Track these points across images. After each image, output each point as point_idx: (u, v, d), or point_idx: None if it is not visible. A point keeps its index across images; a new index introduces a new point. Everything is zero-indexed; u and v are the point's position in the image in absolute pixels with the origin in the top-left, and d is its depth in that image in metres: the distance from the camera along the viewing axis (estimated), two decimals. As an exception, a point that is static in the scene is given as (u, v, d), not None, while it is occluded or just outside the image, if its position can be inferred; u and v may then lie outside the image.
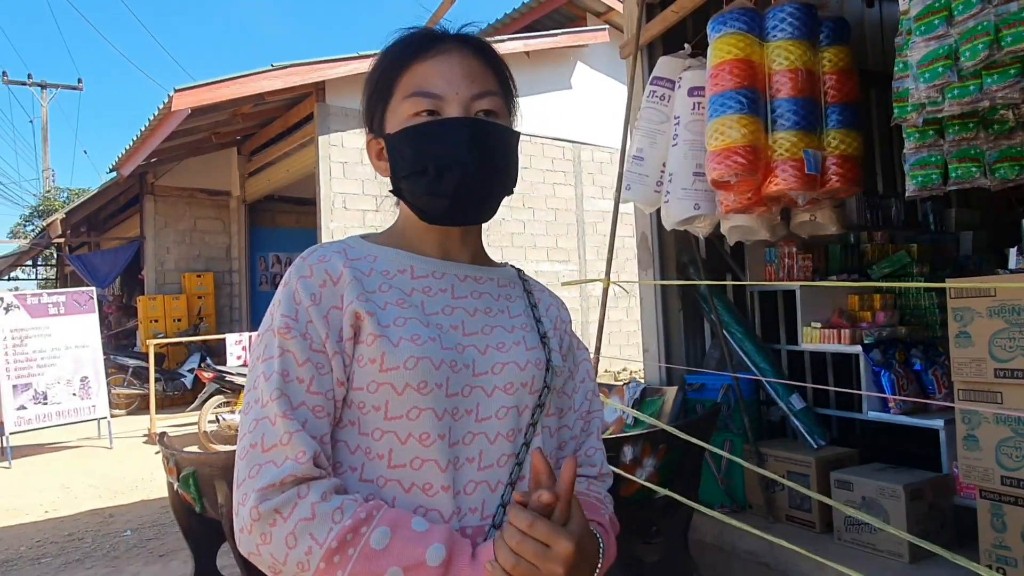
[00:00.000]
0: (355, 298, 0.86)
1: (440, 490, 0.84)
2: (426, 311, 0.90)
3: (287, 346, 0.84)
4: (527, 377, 0.92)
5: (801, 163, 2.83)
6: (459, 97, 0.90)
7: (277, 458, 0.79)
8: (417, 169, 0.90)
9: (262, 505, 0.77)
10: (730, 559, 3.58)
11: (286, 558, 0.76)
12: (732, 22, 2.98)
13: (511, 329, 0.96)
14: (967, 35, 2.03)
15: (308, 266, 0.88)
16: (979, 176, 2.43)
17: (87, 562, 4.22)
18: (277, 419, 0.80)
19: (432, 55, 0.92)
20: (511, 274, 1.05)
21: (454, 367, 0.87)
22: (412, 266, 0.93)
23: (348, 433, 0.86)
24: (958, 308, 2.78)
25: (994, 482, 2.70)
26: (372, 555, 0.75)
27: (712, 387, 4.06)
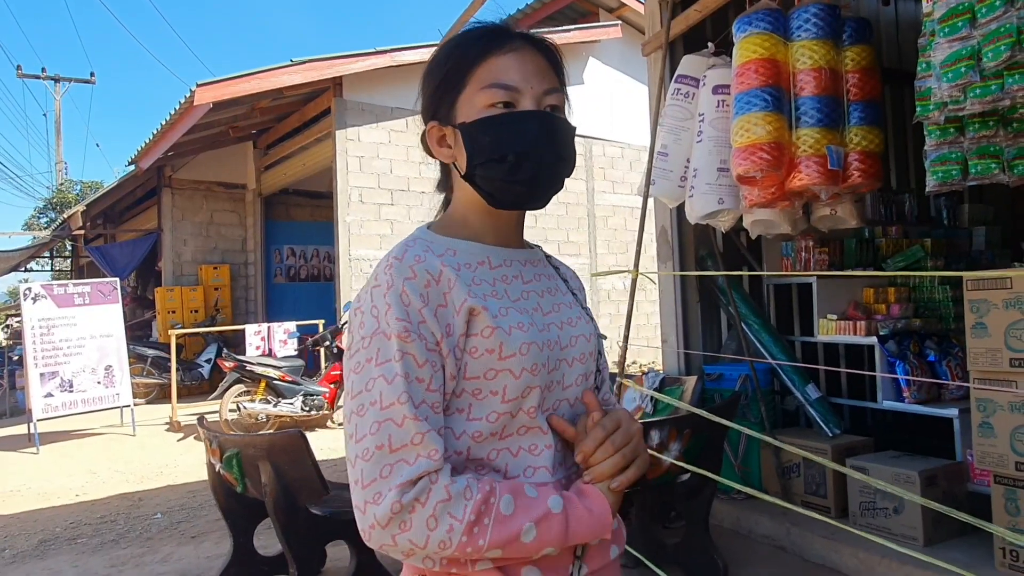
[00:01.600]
0: (467, 295, 0.91)
1: (544, 448, 0.94)
2: (511, 298, 0.97)
3: (407, 349, 0.87)
4: (591, 347, 1.04)
5: (824, 159, 2.94)
6: (532, 92, 0.96)
7: (409, 457, 0.84)
8: (495, 156, 0.95)
9: (404, 498, 0.82)
10: (748, 543, 3.69)
11: (427, 540, 0.82)
12: (757, 22, 3.08)
13: (570, 305, 1.05)
14: (990, 36, 2.13)
15: (408, 267, 0.91)
16: (998, 172, 2.53)
17: (122, 543, 4.36)
18: (406, 420, 0.84)
19: (506, 50, 0.96)
20: (541, 254, 1.12)
21: (550, 346, 0.96)
22: (488, 257, 0.99)
23: (455, 420, 0.92)
24: (975, 300, 2.88)
25: (1009, 468, 2.80)
26: (505, 519, 0.84)
27: (730, 377, 4.17)
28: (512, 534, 0.85)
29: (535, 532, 0.86)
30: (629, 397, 4.31)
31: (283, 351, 7.86)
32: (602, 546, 0.98)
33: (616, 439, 0.93)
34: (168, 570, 3.87)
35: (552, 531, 0.87)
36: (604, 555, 0.99)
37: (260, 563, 3.45)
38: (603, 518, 0.91)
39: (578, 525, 0.89)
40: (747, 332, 4.18)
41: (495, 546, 0.84)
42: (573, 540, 0.89)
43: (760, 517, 3.70)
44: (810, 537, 3.42)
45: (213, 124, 8.91)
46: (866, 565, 3.14)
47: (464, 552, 0.84)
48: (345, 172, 8.35)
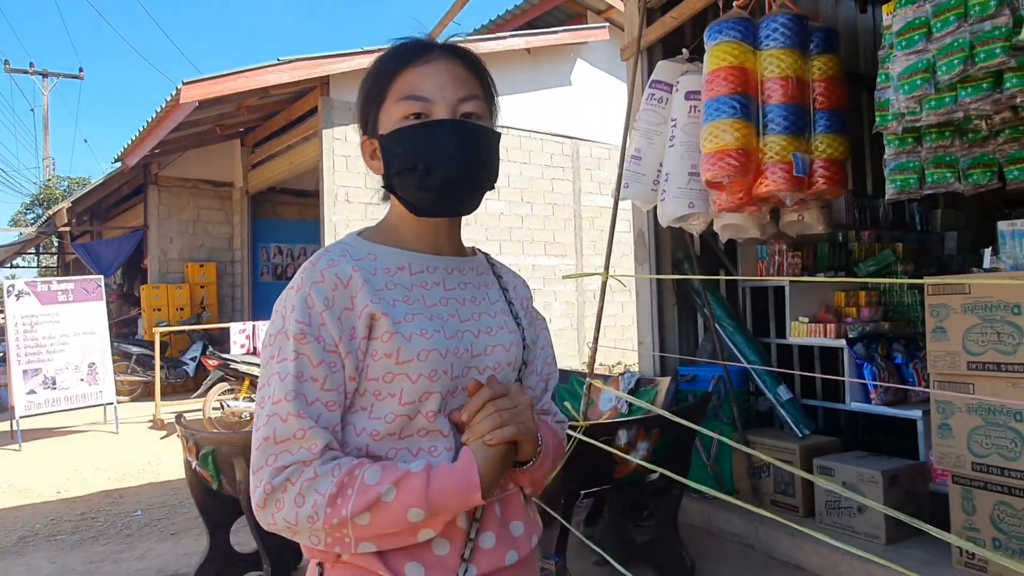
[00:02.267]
0: (369, 301, 0.95)
1: (444, 451, 0.97)
2: (427, 304, 1.00)
3: (302, 349, 0.92)
4: (511, 357, 1.06)
5: (790, 166, 3.00)
6: (446, 101, 0.99)
7: (292, 448, 0.90)
8: (408, 166, 0.99)
9: (275, 480, 0.89)
10: (717, 541, 3.76)
11: (297, 516, 0.88)
12: (727, 31, 3.14)
13: (494, 315, 1.07)
14: (944, 51, 2.19)
15: (319, 271, 0.96)
16: (953, 181, 2.60)
17: (101, 539, 4.39)
18: (290, 417, 0.90)
19: (422, 63, 1.01)
20: (483, 261, 1.15)
21: (456, 353, 0.99)
22: (409, 263, 1.02)
23: (357, 418, 0.97)
24: (935, 304, 2.96)
25: (965, 468, 2.88)
26: (367, 488, 0.88)
27: (704, 378, 4.23)
28: (373, 497, 0.87)
29: (395, 492, 0.88)
30: (606, 398, 4.37)
31: (268, 349, 7.87)
32: (496, 549, 0.99)
33: (500, 403, 0.95)
34: (146, 567, 3.90)
35: (412, 489, 0.89)
36: (498, 558, 0.99)
37: (236, 560, 3.48)
38: (467, 474, 0.91)
39: (440, 481, 0.90)
40: (721, 334, 4.25)
41: (359, 511, 0.87)
42: (437, 497, 0.89)
43: (729, 516, 3.77)
44: (776, 535, 3.49)
45: (199, 122, 8.91)
46: (829, 563, 3.21)
47: (331, 524, 0.88)
48: (331, 171, 8.37)
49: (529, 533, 1.06)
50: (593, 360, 2.96)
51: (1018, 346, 2.68)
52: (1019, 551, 2.72)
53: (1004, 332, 2.72)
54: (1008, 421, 2.73)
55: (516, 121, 10.01)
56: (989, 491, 2.82)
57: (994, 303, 2.75)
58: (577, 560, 3.50)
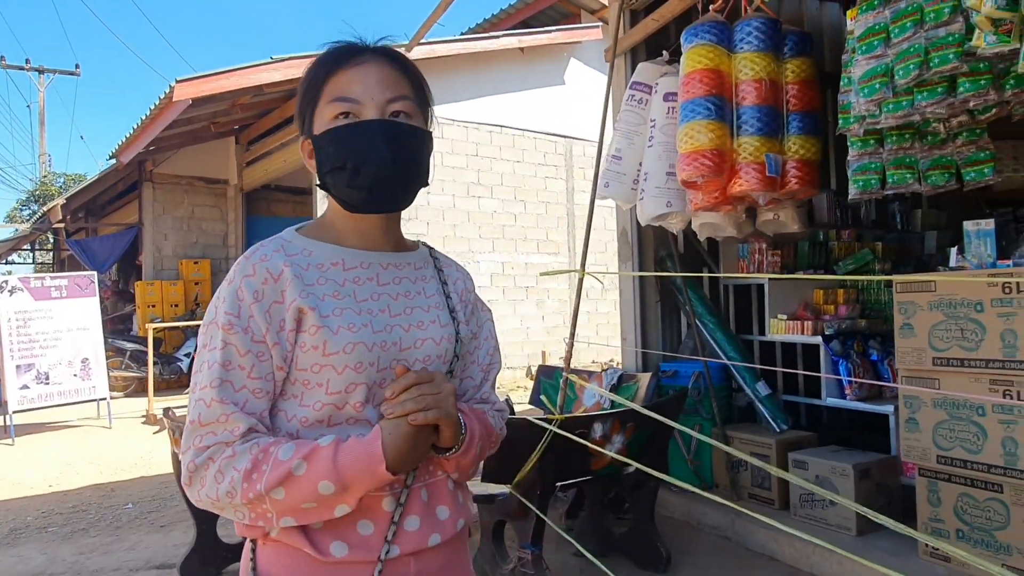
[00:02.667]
0: (297, 295, 0.99)
1: None
2: (357, 299, 1.04)
3: (230, 339, 0.97)
4: (441, 351, 1.09)
5: (763, 166, 3.08)
6: (374, 102, 1.03)
7: (216, 430, 0.95)
8: (338, 165, 1.03)
9: (198, 459, 0.95)
10: (696, 533, 3.84)
11: (218, 492, 0.94)
12: (703, 34, 3.21)
13: (427, 309, 1.11)
14: (901, 56, 2.27)
15: (251, 265, 1.00)
16: (913, 182, 2.68)
17: (91, 531, 4.45)
18: (213, 403, 0.95)
19: (352, 65, 1.04)
20: (424, 254, 1.18)
21: (384, 347, 1.03)
22: (343, 259, 1.06)
23: (289, 404, 1.02)
24: (903, 302, 3.04)
25: (931, 461, 2.96)
26: (280, 463, 0.93)
27: (684, 374, 4.31)
28: (285, 472, 0.92)
29: (305, 465, 0.93)
30: (590, 393, 4.44)
31: (260, 346, 7.94)
32: (420, 531, 1.04)
33: (423, 388, 0.99)
34: (135, 557, 3.97)
35: (321, 461, 0.93)
36: (421, 539, 1.04)
37: (222, 550, 3.55)
38: (370, 446, 0.94)
39: (345, 454, 0.94)
40: (703, 331, 4.32)
41: (272, 485, 0.92)
42: (344, 469, 0.93)
43: (707, 508, 3.85)
44: (752, 528, 3.57)
45: (194, 120, 8.97)
46: (801, 553, 3.29)
47: (248, 498, 0.93)
48: (324, 169, 8.43)
49: (455, 517, 1.10)
50: (570, 355, 3.03)
51: (980, 342, 2.76)
52: (981, 542, 2.80)
53: (967, 329, 2.80)
54: (971, 415, 2.81)
55: (509, 120, 10.08)
56: (953, 483, 2.90)
57: (958, 300, 2.82)
58: (557, 551, 3.57)
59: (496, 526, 3.22)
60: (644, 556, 3.37)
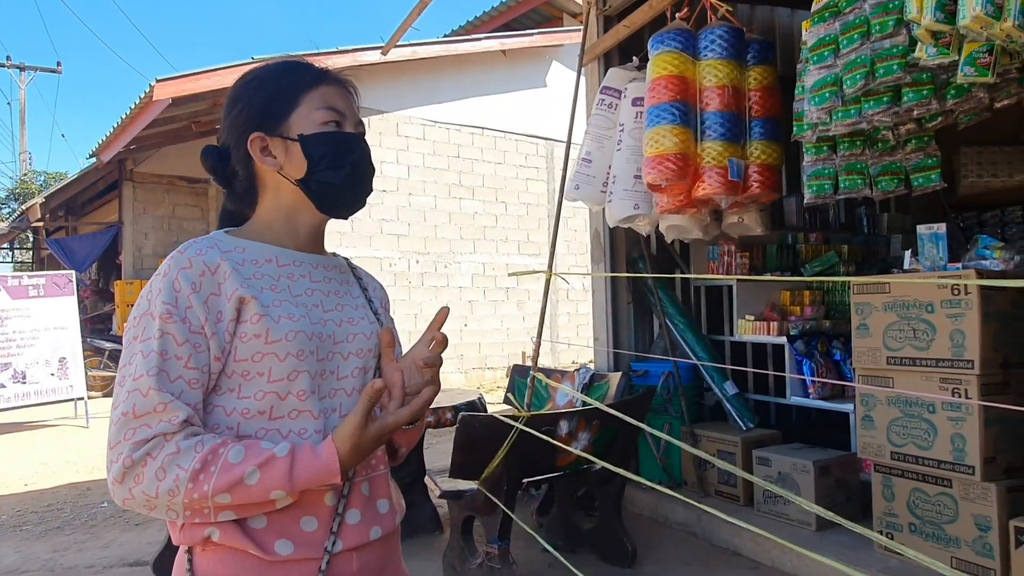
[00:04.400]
0: (239, 285, 1.01)
1: (313, 433, 1.03)
2: (293, 293, 1.08)
3: (167, 329, 0.97)
4: (371, 344, 1.15)
5: (726, 170, 3.16)
6: (351, 119, 1.15)
7: (151, 422, 0.93)
8: (334, 166, 1.10)
9: (135, 454, 0.91)
10: (663, 529, 3.92)
11: (157, 489, 0.90)
12: (669, 41, 3.30)
13: (355, 307, 1.17)
14: (849, 66, 2.36)
15: (187, 259, 1.02)
16: (864, 188, 2.77)
17: (66, 529, 4.47)
18: (150, 391, 0.93)
19: (331, 83, 1.14)
20: (343, 263, 1.25)
21: (321, 337, 1.06)
22: (276, 256, 1.11)
23: (226, 398, 1.01)
24: (859, 303, 3.13)
25: (885, 457, 3.05)
26: (230, 466, 0.92)
27: (655, 374, 4.39)
28: (236, 477, 0.92)
29: (259, 474, 0.93)
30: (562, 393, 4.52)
31: (240, 345, 7.94)
32: (361, 525, 1.07)
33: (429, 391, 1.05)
34: (109, 555, 4.00)
35: (276, 472, 0.93)
36: (363, 533, 1.07)
37: (195, 546, 3.58)
38: (329, 463, 0.96)
39: (302, 469, 0.95)
40: (673, 332, 4.41)
41: (221, 490, 0.92)
42: (299, 482, 0.95)
43: (675, 505, 3.93)
44: (717, 523, 3.65)
45: (175, 119, 8.96)
46: (763, 548, 3.38)
47: (192, 499, 0.92)
48: (306, 170, 8.45)
49: (393, 512, 1.15)
50: (537, 353, 3.10)
51: (931, 342, 2.85)
52: (932, 535, 2.90)
53: (919, 329, 2.89)
54: (922, 412, 2.91)
55: (491, 122, 10.15)
56: (906, 479, 2.99)
57: (911, 302, 2.92)
58: (527, 548, 3.64)
59: (464, 522, 3.28)
60: (611, 551, 3.44)
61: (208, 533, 0.97)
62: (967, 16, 1.88)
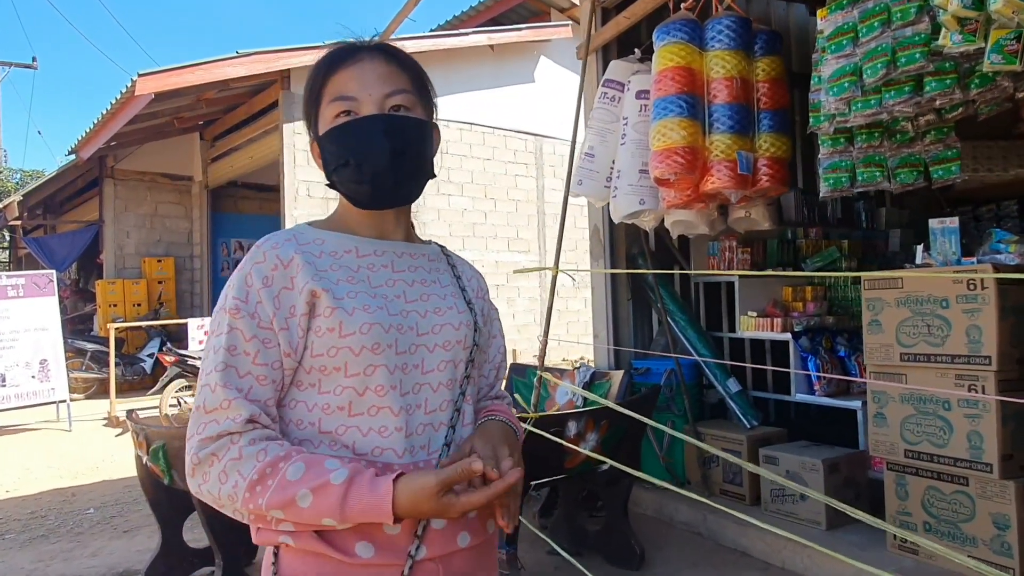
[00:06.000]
0: (310, 279, 0.99)
1: (394, 431, 0.99)
2: (372, 284, 1.04)
3: (236, 324, 0.97)
4: (461, 336, 1.09)
5: (735, 164, 3.09)
6: (372, 97, 1.04)
7: (219, 418, 0.94)
8: (341, 163, 1.05)
9: (201, 452, 0.93)
10: (668, 529, 3.86)
11: (219, 492, 0.92)
12: (675, 32, 3.22)
13: (443, 296, 1.11)
14: (869, 55, 2.30)
15: (262, 252, 1.01)
16: (882, 180, 2.72)
17: (51, 538, 4.32)
18: (217, 388, 0.94)
19: (349, 64, 1.06)
20: (436, 251, 1.20)
21: (401, 329, 1.02)
22: (356, 247, 1.07)
23: (308, 394, 1.00)
24: (871, 298, 3.08)
25: (899, 455, 3.00)
26: (287, 484, 0.90)
27: (657, 371, 4.33)
28: (288, 497, 0.90)
29: (311, 499, 0.90)
30: (562, 392, 4.44)
31: (227, 345, 7.78)
32: (447, 531, 1.01)
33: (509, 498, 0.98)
34: (97, 564, 3.86)
35: (328, 501, 0.90)
36: (449, 540, 1.01)
37: (189, 555, 3.47)
38: (382, 503, 0.90)
39: (355, 501, 0.90)
40: (674, 328, 4.35)
41: (274, 507, 0.90)
42: (350, 514, 0.90)
43: (680, 505, 3.87)
44: (724, 523, 3.59)
45: (157, 114, 8.76)
46: (773, 548, 3.32)
47: (248, 508, 0.92)
48: (292, 166, 8.30)
49: (483, 518, 1.06)
50: (544, 352, 3.01)
51: (946, 338, 2.81)
52: (947, 534, 2.86)
53: (934, 325, 2.84)
54: (937, 410, 2.86)
55: (480, 117, 10.04)
56: (920, 477, 2.95)
57: (924, 297, 2.87)
58: (531, 551, 3.56)
59: (470, 526, 3.19)
60: (618, 553, 3.37)
61: (282, 539, 0.96)
62: (998, 0, 1.82)
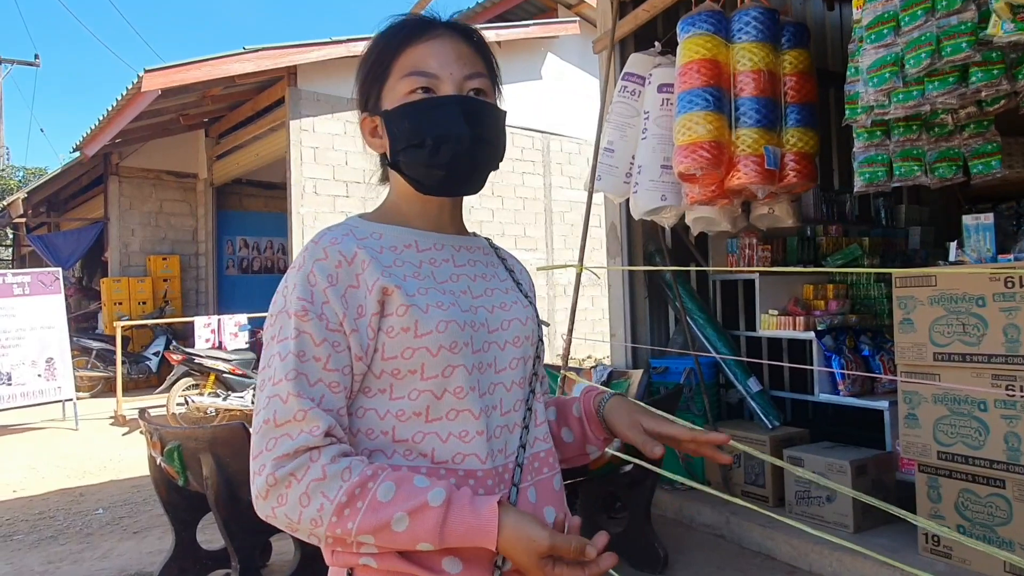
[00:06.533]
0: (380, 275, 0.92)
1: (475, 435, 0.92)
2: (437, 280, 0.97)
3: (304, 328, 0.88)
4: (528, 331, 1.03)
5: (761, 159, 3.02)
6: (452, 77, 0.97)
7: (292, 432, 0.85)
8: (415, 142, 0.96)
9: (278, 472, 0.84)
10: (689, 532, 3.79)
11: (300, 516, 0.83)
12: (700, 24, 3.15)
13: (505, 291, 1.05)
14: (912, 44, 2.22)
15: (322, 249, 0.92)
16: (920, 174, 2.64)
17: (60, 539, 4.26)
18: (290, 397, 0.85)
19: (426, 39, 0.98)
20: (486, 243, 1.13)
21: (474, 327, 0.95)
22: (416, 240, 1.00)
23: (378, 401, 0.92)
24: (902, 296, 3.01)
25: (931, 457, 2.93)
26: (379, 506, 0.82)
27: (675, 370, 4.26)
28: (383, 521, 0.83)
29: (407, 522, 0.83)
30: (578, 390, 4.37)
31: (234, 344, 7.73)
32: None
33: None
34: (107, 566, 3.80)
35: (426, 524, 0.83)
36: None
37: (203, 557, 3.40)
38: (487, 528, 0.83)
39: (456, 525, 0.83)
40: (693, 327, 4.27)
41: (365, 531, 0.83)
42: (450, 539, 0.84)
43: (701, 507, 3.80)
44: (748, 526, 3.53)
45: (162, 111, 8.70)
46: (800, 552, 3.26)
47: (334, 533, 0.83)
48: (299, 163, 8.23)
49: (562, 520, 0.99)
50: (568, 351, 2.94)
51: (982, 337, 2.73)
52: (983, 537, 2.79)
53: (969, 324, 2.77)
54: (972, 411, 2.79)
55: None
56: (954, 479, 2.88)
57: (959, 295, 2.80)
58: (550, 553, 3.49)
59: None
60: (640, 556, 3.31)
61: (363, 561, 0.88)
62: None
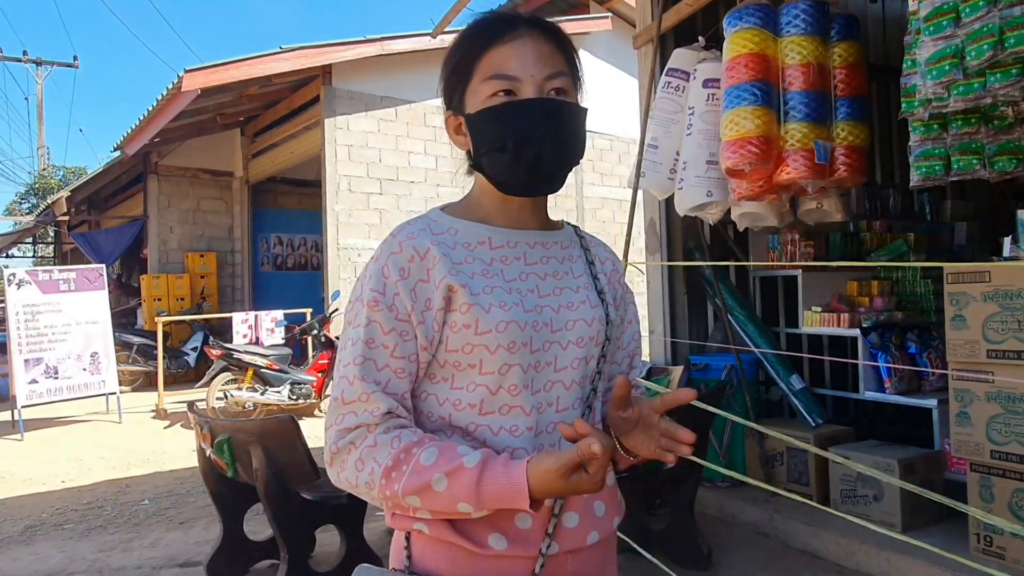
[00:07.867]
0: (447, 272, 0.96)
1: (525, 431, 0.97)
2: (506, 278, 1.01)
3: (374, 316, 0.96)
4: (594, 332, 1.04)
5: (811, 153, 2.99)
6: (533, 79, 0.99)
7: (357, 410, 0.94)
8: (497, 146, 0.99)
9: (340, 442, 0.95)
10: (731, 529, 3.76)
11: (357, 480, 0.94)
12: (748, 17, 3.12)
13: (576, 289, 1.06)
14: (973, 36, 2.18)
15: (398, 243, 0.98)
16: (979, 168, 2.60)
17: (109, 528, 4.36)
18: (355, 380, 0.94)
19: (507, 40, 1.00)
20: (571, 233, 1.14)
21: (536, 327, 0.98)
22: (490, 238, 1.03)
23: (440, 388, 0.99)
24: (954, 293, 2.95)
25: (984, 456, 2.88)
26: (421, 469, 0.90)
27: (715, 367, 4.23)
28: (424, 483, 0.89)
29: (446, 483, 0.89)
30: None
31: (270, 340, 7.84)
32: (579, 529, 1.00)
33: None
34: (157, 555, 3.89)
35: (462, 484, 0.88)
36: (580, 538, 1.00)
37: (251, 548, 3.47)
38: (517, 486, 0.87)
39: (490, 484, 0.88)
40: (733, 323, 4.24)
41: (410, 492, 0.90)
42: (486, 498, 0.88)
43: (744, 504, 3.77)
44: (793, 524, 3.50)
45: (200, 111, 8.85)
46: (847, 551, 3.22)
47: (384, 495, 0.92)
48: (334, 161, 8.33)
49: (611, 515, 1.06)
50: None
51: (1040, 334, 2.68)
52: (1038, 538, 2.73)
53: (1025, 320, 2.71)
54: (1029, 409, 2.73)
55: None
56: (1008, 479, 2.82)
57: (1015, 291, 2.74)
58: (591, 548, 3.50)
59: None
60: (683, 553, 3.30)
61: (417, 527, 0.97)
62: None
